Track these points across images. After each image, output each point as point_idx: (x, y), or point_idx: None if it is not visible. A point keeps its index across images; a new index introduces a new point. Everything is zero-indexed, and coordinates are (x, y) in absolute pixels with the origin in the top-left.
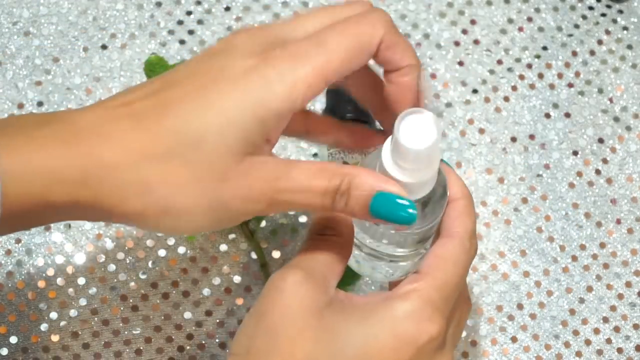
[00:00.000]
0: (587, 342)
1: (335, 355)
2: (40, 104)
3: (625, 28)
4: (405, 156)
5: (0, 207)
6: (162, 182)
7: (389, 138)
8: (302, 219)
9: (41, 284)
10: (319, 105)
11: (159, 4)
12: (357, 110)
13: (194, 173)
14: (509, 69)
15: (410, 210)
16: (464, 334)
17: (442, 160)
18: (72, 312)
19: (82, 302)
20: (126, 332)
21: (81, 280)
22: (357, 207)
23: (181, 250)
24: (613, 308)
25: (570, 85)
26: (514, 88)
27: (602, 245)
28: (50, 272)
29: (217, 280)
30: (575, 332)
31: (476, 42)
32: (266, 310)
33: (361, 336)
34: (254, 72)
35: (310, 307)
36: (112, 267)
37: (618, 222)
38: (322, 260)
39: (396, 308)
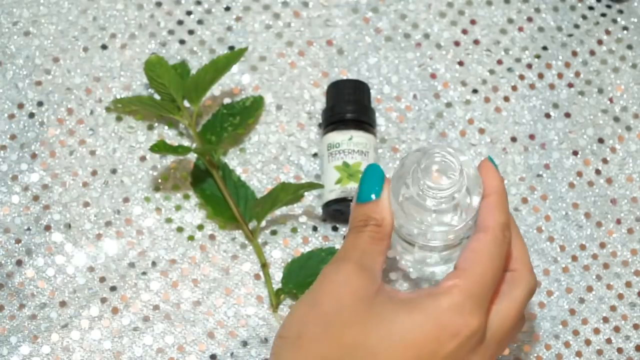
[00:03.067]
0: (587, 342)
1: (381, 340)
2: (40, 103)
3: (625, 28)
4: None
5: None
6: None
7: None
8: (302, 219)
9: (41, 284)
10: (319, 105)
11: (159, 4)
12: (357, 110)
13: None
14: (509, 69)
15: None
16: None
17: (488, 157)
18: (72, 312)
19: (82, 302)
20: (128, 332)
21: (81, 280)
22: None
23: (181, 250)
24: (613, 308)
25: (570, 85)
26: (514, 88)
27: (602, 245)
28: (50, 272)
29: (217, 280)
30: (575, 332)
31: (476, 42)
32: (320, 300)
33: (407, 324)
34: None
35: (361, 297)
36: (112, 267)
37: (618, 222)
38: (368, 252)
39: (441, 300)
